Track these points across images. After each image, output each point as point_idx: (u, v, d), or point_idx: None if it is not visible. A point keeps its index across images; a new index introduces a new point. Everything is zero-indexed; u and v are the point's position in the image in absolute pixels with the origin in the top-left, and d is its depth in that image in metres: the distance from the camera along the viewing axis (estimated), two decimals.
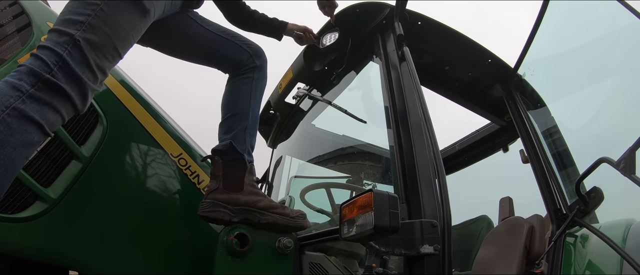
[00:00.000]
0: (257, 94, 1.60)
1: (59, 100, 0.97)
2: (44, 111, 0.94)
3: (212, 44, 1.59)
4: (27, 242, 1.14)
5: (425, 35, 2.16)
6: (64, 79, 0.98)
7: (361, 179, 2.60)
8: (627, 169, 1.30)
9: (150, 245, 1.41)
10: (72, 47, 1.01)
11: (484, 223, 2.63)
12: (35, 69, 0.95)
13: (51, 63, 0.97)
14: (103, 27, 1.07)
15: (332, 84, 2.42)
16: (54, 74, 0.96)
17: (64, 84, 0.97)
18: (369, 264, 1.81)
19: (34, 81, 0.93)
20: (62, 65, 0.98)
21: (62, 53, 0.99)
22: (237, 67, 1.60)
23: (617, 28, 1.84)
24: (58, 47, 0.99)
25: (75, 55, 1.01)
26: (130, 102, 1.49)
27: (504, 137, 2.88)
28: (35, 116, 0.91)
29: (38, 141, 0.94)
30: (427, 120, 1.48)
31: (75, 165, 1.26)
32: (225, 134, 1.52)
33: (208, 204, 1.41)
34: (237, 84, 1.59)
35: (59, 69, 0.97)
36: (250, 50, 1.60)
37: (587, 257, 1.67)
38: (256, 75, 1.60)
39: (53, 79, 0.95)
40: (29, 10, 1.36)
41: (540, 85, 2.39)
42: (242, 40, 1.61)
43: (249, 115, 1.55)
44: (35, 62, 0.96)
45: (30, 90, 0.92)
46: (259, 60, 1.61)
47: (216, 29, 1.60)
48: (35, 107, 0.92)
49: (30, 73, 0.94)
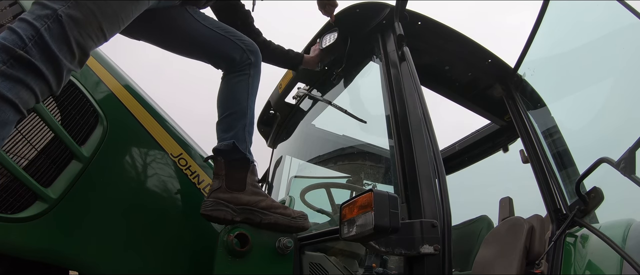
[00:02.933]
0: (253, 91, 1.59)
1: (33, 78, 0.91)
2: (17, 89, 0.89)
3: (207, 39, 1.56)
4: (27, 242, 1.14)
5: (425, 35, 2.16)
6: (39, 55, 0.92)
7: (361, 179, 2.60)
8: (627, 169, 1.30)
9: (150, 245, 1.41)
10: (53, 22, 0.95)
11: (484, 223, 2.63)
12: (8, 44, 0.89)
13: (26, 37, 0.91)
14: (90, 3, 1.01)
15: (332, 84, 2.43)
16: (27, 50, 0.90)
17: (37, 61, 0.91)
18: (369, 264, 1.81)
19: (5, 58, 0.88)
20: (38, 40, 0.92)
21: (40, 27, 0.93)
22: (232, 63, 1.57)
23: (617, 28, 1.84)
24: (37, 20, 0.94)
25: (55, 31, 0.95)
26: (130, 102, 1.49)
27: (504, 137, 2.88)
28: (7, 94, 0.87)
29: (13, 120, 0.90)
30: (427, 120, 1.48)
31: (75, 165, 1.26)
32: (225, 133, 1.50)
33: (210, 202, 1.41)
34: (233, 81, 1.57)
35: (33, 45, 0.92)
36: (244, 47, 1.58)
37: (587, 257, 1.67)
38: (252, 72, 1.59)
39: (26, 56, 0.90)
40: None
41: (540, 85, 2.38)
42: (237, 36, 1.60)
43: (247, 113, 1.54)
44: (9, 36, 0.91)
45: (2, 67, 0.87)
46: (253, 57, 1.59)
47: (211, 24, 1.58)
48: (7, 85, 0.87)
49: (3, 49, 0.89)
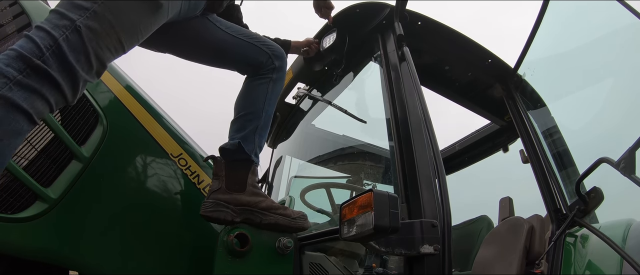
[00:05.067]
0: (272, 95, 1.57)
1: (49, 89, 0.90)
2: (32, 99, 0.87)
3: (232, 47, 1.55)
4: (27, 242, 1.14)
5: (425, 35, 2.16)
6: (56, 65, 0.91)
7: (361, 179, 2.60)
8: (627, 169, 1.30)
9: (150, 245, 1.41)
10: (71, 33, 0.94)
11: (484, 223, 2.63)
12: (25, 53, 0.88)
13: (44, 47, 0.90)
14: (108, 15, 1.00)
15: (332, 84, 2.43)
16: (44, 60, 0.89)
17: (54, 72, 0.90)
18: (369, 264, 1.82)
19: (22, 67, 0.87)
20: (56, 50, 0.91)
21: (59, 37, 0.92)
22: (257, 68, 1.57)
23: (617, 28, 1.84)
24: (55, 30, 0.93)
25: (73, 41, 0.94)
26: (131, 102, 1.49)
27: (504, 137, 2.88)
28: (22, 104, 0.85)
29: (26, 130, 0.88)
30: (427, 120, 1.48)
31: (75, 165, 1.26)
32: (236, 133, 1.50)
33: (210, 203, 1.41)
34: (255, 83, 1.56)
35: (51, 54, 0.91)
36: (269, 52, 1.57)
37: (587, 257, 1.67)
38: (275, 76, 1.57)
39: (43, 66, 0.89)
40: (29, 10, 1.35)
41: (540, 85, 2.38)
42: (262, 41, 1.58)
43: (262, 115, 1.53)
44: (26, 45, 0.90)
45: (18, 76, 0.86)
46: (278, 61, 1.58)
47: (235, 32, 1.56)
48: (23, 95, 0.86)
49: (19, 58, 0.88)
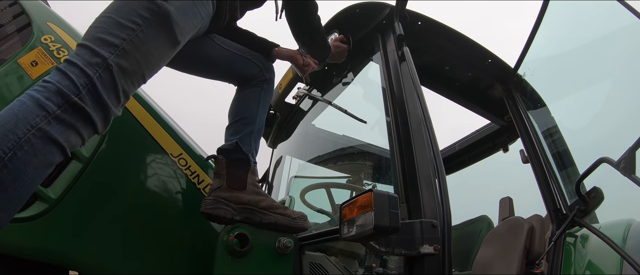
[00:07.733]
0: (265, 102, 1.67)
1: (83, 124, 0.95)
2: (67, 134, 0.92)
3: (228, 61, 1.64)
4: (27, 242, 1.15)
5: (425, 35, 2.16)
6: (91, 103, 0.96)
7: (361, 179, 2.60)
8: (627, 169, 1.30)
9: (150, 245, 1.41)
10: (104, 71, 0.98)
11: (484, 223, 2.63)
12: (64, 89, 0.92)
13: (80, 85, 0.94)
14: (135, 54, 1.05)
15: (332, 84, 2.43)
16: (81, 97, 0.94)
17: (89, 109, 0.95)
18: (369, 264, 1.81)
19: (61, 102, 0.91)
20: (91, 88, 0.96)
21: (93, 76, 0.96)
22: (249, 79, 1.66)
23: (617, 28, 1.84)
24: (89, 68, 0.97)
25: (106, 80, 0.98)
26: (130, 102, 1.48)
27: (504, 137, 2.88)
28: (59, 138, 0.90)
29: (58, 161, 0.93)
30: (427, 120, 1.48)
31: (75, 165, 1.26)
32: (232, 136, 1.56)
33: (211, 201, 1.42)
34: (247, 92, 1.66)
35: (87, 92, 0.95)
36: (261, 65, 1.67)
37: (587, 257, 1.67)
38: (265, 86, 1.68)
39: (80, 103, 0.93)
40: (29, 10, 1.36)
41: (540, 85, 2.38)
42: (253, 55, 1.68)
43: (256, 121, 1.61)
44: (63, 81, 0.93)
45: (57, 111, 0.90)
46: (268, 74, 1.69)
47: (230, 47, 1.66)
48: (59, 129, 0.90)
49: (59, 93, 0.91)
